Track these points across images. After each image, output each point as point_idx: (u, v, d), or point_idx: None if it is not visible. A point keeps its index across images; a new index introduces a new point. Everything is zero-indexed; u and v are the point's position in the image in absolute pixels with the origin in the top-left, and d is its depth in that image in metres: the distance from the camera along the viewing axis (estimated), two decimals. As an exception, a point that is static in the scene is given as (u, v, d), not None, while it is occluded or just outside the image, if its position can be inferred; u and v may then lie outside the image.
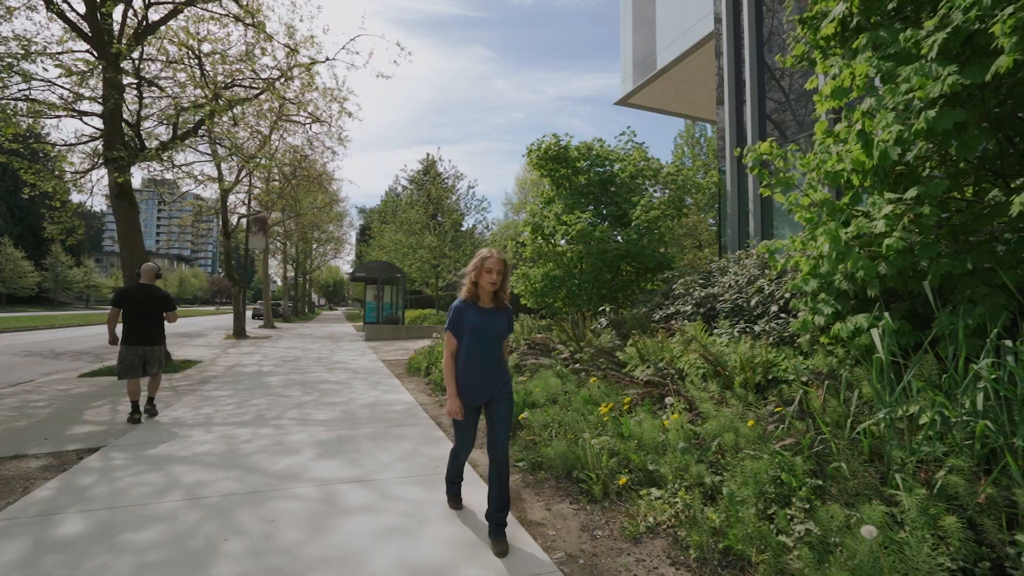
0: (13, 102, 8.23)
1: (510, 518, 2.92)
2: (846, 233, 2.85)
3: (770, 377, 3.67)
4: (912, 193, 2.64)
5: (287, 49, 10.42)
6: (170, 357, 9.80)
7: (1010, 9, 2.04)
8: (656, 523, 2.79)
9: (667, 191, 8.68)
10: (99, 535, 2.74)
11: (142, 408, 5.51)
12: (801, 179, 3.87)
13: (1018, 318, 2.61)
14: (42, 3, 7.76)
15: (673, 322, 5.54)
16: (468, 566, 2.46)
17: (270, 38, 9.87)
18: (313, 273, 45.99)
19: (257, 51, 9.89)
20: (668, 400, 3.49)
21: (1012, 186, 2.77)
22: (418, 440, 4.69)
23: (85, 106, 9.34)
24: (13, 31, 8.45)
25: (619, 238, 8.12)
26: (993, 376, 2.10)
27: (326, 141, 17.86)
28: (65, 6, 8.11)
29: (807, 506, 2.36)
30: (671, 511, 2.75)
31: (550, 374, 5.34)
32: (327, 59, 11.51)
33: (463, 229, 27.86)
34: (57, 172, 10.38)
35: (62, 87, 8.47)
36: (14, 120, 7.97)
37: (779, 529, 2.33)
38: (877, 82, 3.02)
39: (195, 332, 21.55)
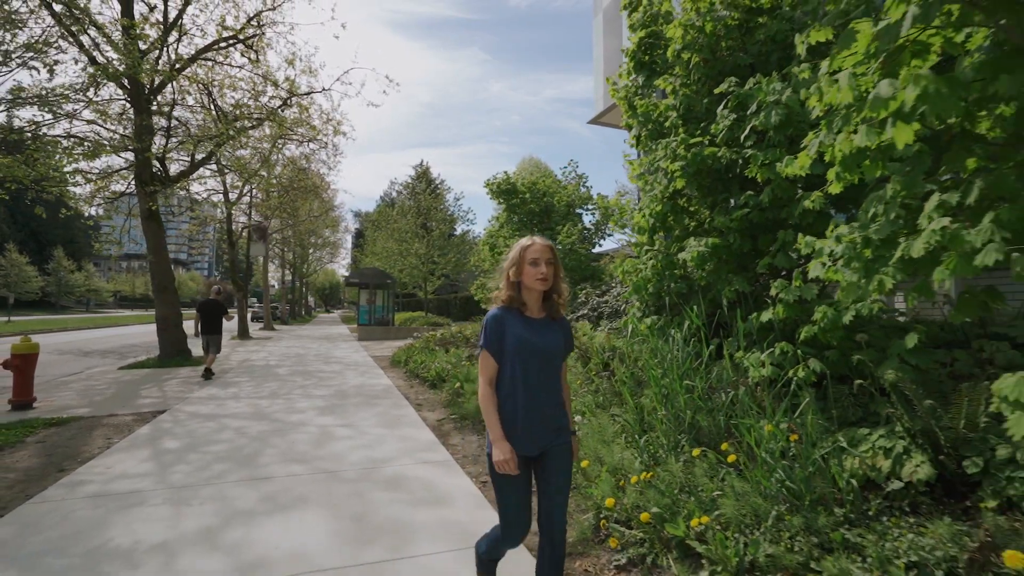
0: (70, 142, 10.14)
1: (437, 443, 4.85)
2: (633, 265, 4.82)
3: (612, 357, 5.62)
4: (654, 246, 4.60)
5: (288, 83, 12.32)
6: (191, 355, 11.81)
7: (673, 158, 4.01)
8: (518, 439, 4.73)
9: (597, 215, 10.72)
10: (189, 448, 4.67)
11: (204, 374, 8.98)
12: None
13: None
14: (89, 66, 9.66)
15: (577, 322, 7.53)
16: (404, 459, 4.39)
17: (276, 84, 11.80)
18: (310, 277, 47.80)
19: (264, 98, 11.80)
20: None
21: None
22: (388, 406, 6.62)
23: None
24: (62, 83, 10.31)
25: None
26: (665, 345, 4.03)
27: (322, 156, 19.83)
28: (111, 67, 10.00)
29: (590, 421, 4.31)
30: (524, 431, 4.69)
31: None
32: (323, 89, 13.50)
33: (453, 236, 29.84)
34: (94, 194, 12.25)
35: (112, 131, 10.39)
36: (74, 156, 9.89)
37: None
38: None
39: (202, 334, 23.29)
